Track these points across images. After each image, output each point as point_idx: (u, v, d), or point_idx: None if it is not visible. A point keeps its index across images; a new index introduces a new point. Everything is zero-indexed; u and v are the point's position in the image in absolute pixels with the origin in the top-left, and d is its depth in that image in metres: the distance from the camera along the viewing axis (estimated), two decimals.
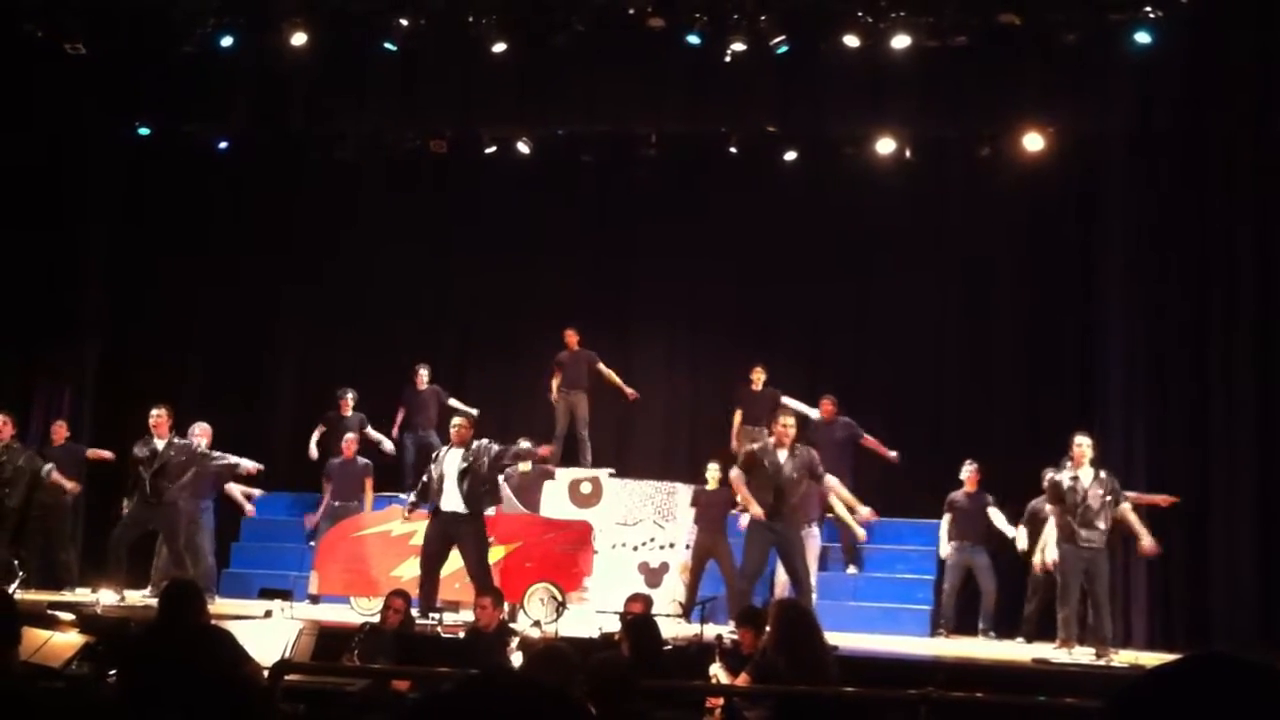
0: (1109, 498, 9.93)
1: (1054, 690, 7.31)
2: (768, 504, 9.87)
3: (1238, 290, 11.53)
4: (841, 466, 12.32)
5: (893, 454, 12.56)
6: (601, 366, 13.62)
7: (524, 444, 11.36)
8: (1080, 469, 10.00)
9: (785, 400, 12.49)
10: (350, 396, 13.39)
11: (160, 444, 11.23)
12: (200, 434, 11.79)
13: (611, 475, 12.86)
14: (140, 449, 11.21)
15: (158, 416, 11.32)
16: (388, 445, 13.57)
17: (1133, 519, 10.06)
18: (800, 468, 9.97)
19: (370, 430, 13.41)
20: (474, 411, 12.03)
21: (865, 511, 11.64)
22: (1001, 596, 11.77)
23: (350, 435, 12.84)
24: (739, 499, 10.43)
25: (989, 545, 11.84)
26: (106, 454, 12.40)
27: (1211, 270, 11.67)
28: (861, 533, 12.19)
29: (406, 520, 10.88)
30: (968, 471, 11.99)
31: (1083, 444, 10.03)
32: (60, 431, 12.53)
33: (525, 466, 12.33)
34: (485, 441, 10.54)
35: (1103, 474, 10.04)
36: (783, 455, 9.98)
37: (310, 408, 13.79)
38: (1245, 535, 11.21)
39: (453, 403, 13.45)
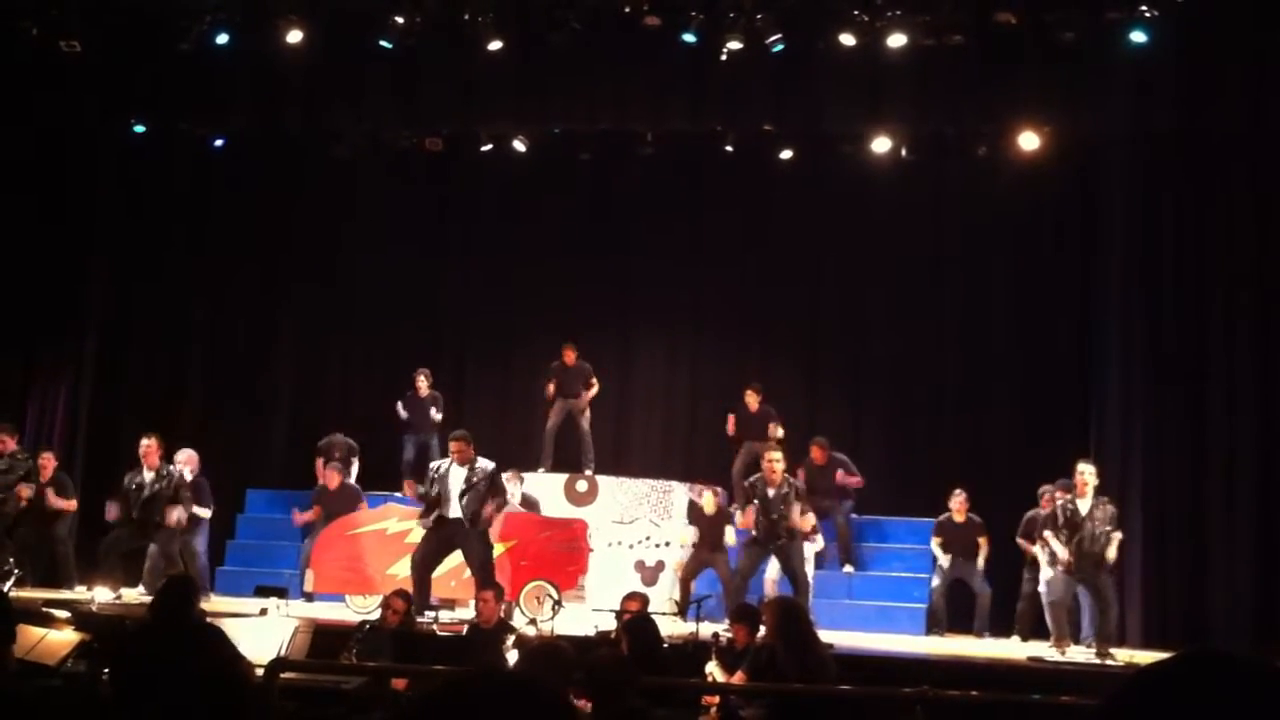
0: (1108, 527, 9.90)
1: (1049, 689, 7.31)
2: (764, 529, 10.50)
3: (1236, 291, 11.54)
4: (840, 505, 12.43)
5: (856, 480, 12.60)
6: (589, 388, 13.39)
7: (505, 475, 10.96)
8: (1082, 499, 9.95)
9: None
10: (340, 440, 12.88)
11: (149, 475, 11.06)
12: (184, 461, 11.65)
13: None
14: (130, 480, 11.07)
15: (147, 446, 11.14)
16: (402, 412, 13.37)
17: (1111, 553, 10.00)
18: (789, 500, 10.51)
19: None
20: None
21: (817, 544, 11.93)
22: (995, 596, 11.78)
23: (333, 465, 12.37)
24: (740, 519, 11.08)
25: (983, 564, 11.86)
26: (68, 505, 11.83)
27: (1210, 271, 11.67)
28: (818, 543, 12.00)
29: (421, 524, 10.68)
30: (956, 501, 11.92)
31: (1085, 472, 9.97)
32: (49, 463, 11.94)
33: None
34: (485, 463, 10.45)
35: (1105, 503, 10.00)
36: (772, 491, 10.53)
37: (307, 405, 13.72)
38: (1241, 536, 11.21)
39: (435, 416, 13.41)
